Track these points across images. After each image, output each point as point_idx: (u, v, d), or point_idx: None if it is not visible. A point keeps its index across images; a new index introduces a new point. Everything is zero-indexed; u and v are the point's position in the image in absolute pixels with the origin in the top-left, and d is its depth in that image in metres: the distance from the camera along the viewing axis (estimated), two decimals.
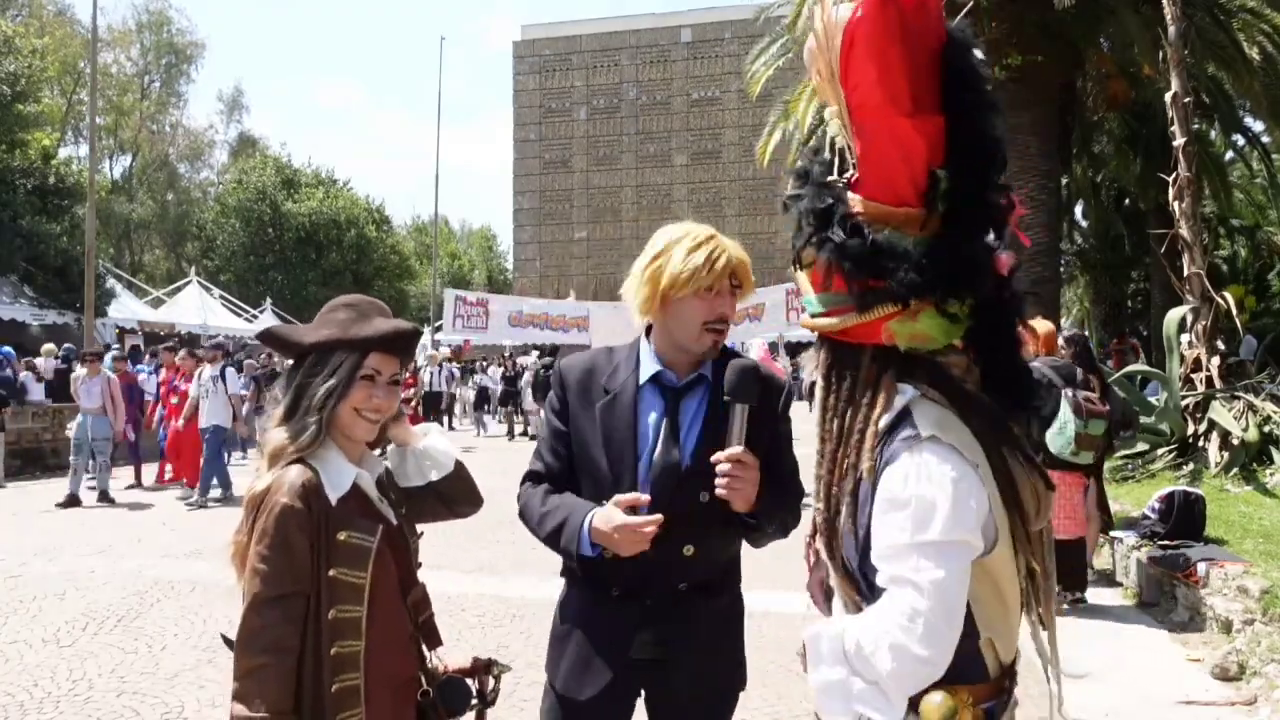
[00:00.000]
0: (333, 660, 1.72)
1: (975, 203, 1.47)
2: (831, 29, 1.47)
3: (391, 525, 1.88)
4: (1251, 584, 5.20)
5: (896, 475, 1.43)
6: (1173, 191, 9.94)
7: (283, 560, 1.70)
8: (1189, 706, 4.37)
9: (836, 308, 1.52)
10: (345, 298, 1.93)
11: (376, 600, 1.77)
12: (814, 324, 1.57)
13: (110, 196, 38.76)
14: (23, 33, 26.23)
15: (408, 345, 1.88)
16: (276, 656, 1.69)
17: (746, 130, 44.32)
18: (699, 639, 2.06)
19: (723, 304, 2.03)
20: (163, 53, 45.62)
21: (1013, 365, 1.55)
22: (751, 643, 2.23)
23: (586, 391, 2.12)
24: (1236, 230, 23.33)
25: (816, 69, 1.53)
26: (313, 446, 1.78)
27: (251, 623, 1.71)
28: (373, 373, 1.82)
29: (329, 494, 1.77)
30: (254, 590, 1.71)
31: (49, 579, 6.99)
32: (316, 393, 1.79)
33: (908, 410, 1.48)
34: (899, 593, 1.39)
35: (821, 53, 1.51)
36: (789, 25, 16.87)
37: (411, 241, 53.32)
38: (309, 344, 1.83)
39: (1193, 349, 9.73)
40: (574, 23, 52.06)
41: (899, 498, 1.41)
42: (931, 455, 1.41)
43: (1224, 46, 13.38)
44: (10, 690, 4.68)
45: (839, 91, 1.49)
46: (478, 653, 2.08)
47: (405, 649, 1.88)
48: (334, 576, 1.73)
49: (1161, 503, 6.55)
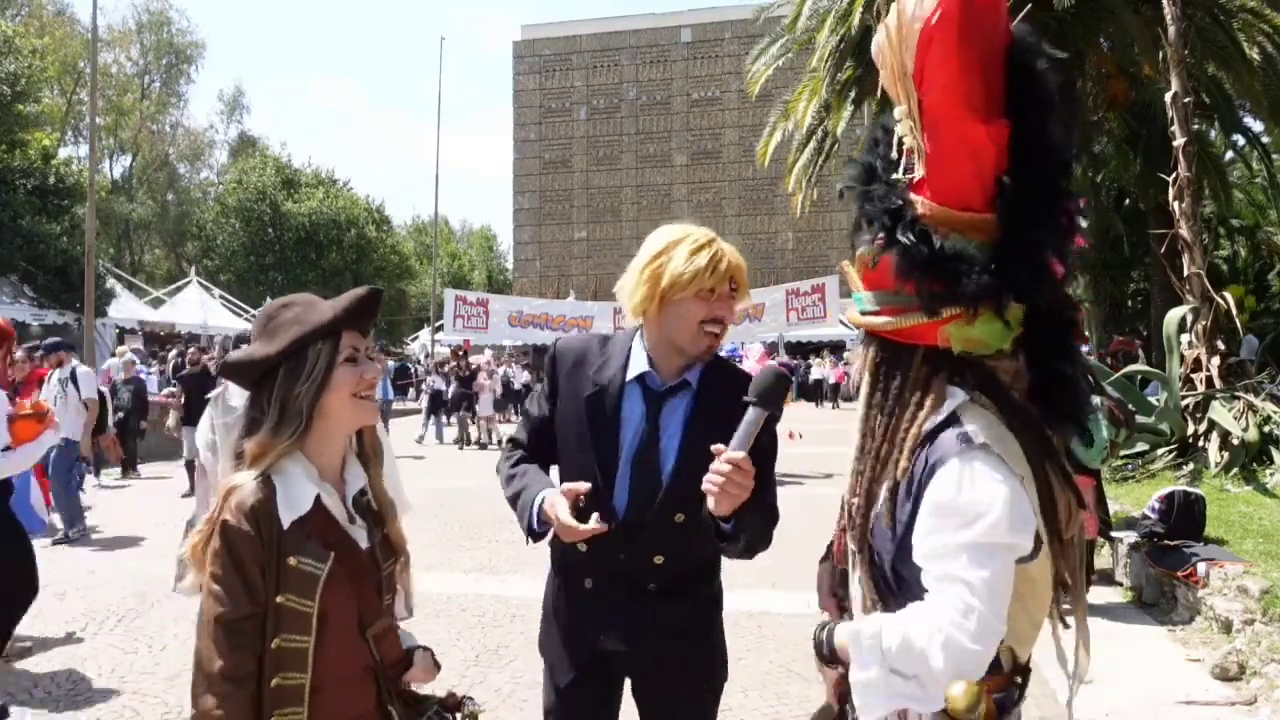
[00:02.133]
0: (273, 693, 1.63)
1: (1044, 210, 1.47)
2: (907, 27, 1.47)
3: (359, 550, 1.77)
4: (1251, 584, 5.20)
5: (948, 479, 1.43)
6: (1173, 191, 9.94)
7: (234, 580, 1.63)
8: (1189, 706, 4.37)
9: (891, 306, 1.53)
10: (279, 300, 1.83)
11: (327, 631, 1.67)
12: (864, 322, 1.57)
13: (110, 196, 38.76)
14: (23, 33, 26.20)
15: (371, 311, 1.80)
16: (233, 685, 1.61)
17: (746, 130, 44.33)
18: (669, 632, 2.07)
19: (722, 306, 2.03)
20: (163, 53, 45.61)
21: (1063, 374, 1.55)
22: (751, 643, 2.24)
23: (575, 379, 2.12)
24: (1236, 230, 23.33)
25: (886, 66, 1.52)
26: (293, 443, 1.70)
27: (205, 648, 1.64)
28: (351, 352, 1.76)
29: (282, 515, 1.67)
30: (210, 612, 1.64)
31: (49, 579, 6.99)
32: (301, 391, 1.71)
33: (956, 415, 1.49)
34: (950, 589, 1.39)
35: (893, 50, 1.50)
36: (789, 25, 16.88)
37: (411, 241, 53.31)
38: (278, 353, 1.72)
39: (1193, 349, 9.73)
40: (574, 23, 52.03)
41: (951, 502, 1.42)
42: (983, 464, 1.42)
43: (1224, 46, 13.38)
44: (10, 690, 4.69)
45: (911, 91, 1.49)
46: (456, 687, 2.04)
47: (359, 684, 1.75)
48: (281, 603, 1.64)
49: (1161, 503, 6.54)
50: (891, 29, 1.50)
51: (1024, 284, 1.45)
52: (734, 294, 2.06)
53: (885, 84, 1.56)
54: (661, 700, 2.13)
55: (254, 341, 1.78)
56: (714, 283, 2.00)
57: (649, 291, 2.04)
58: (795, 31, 16.72)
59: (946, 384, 1.51)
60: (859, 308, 1.59)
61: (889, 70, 1.52)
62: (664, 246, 2.05)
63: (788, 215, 35.43)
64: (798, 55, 17.77)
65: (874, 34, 1.59)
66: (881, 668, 1.45)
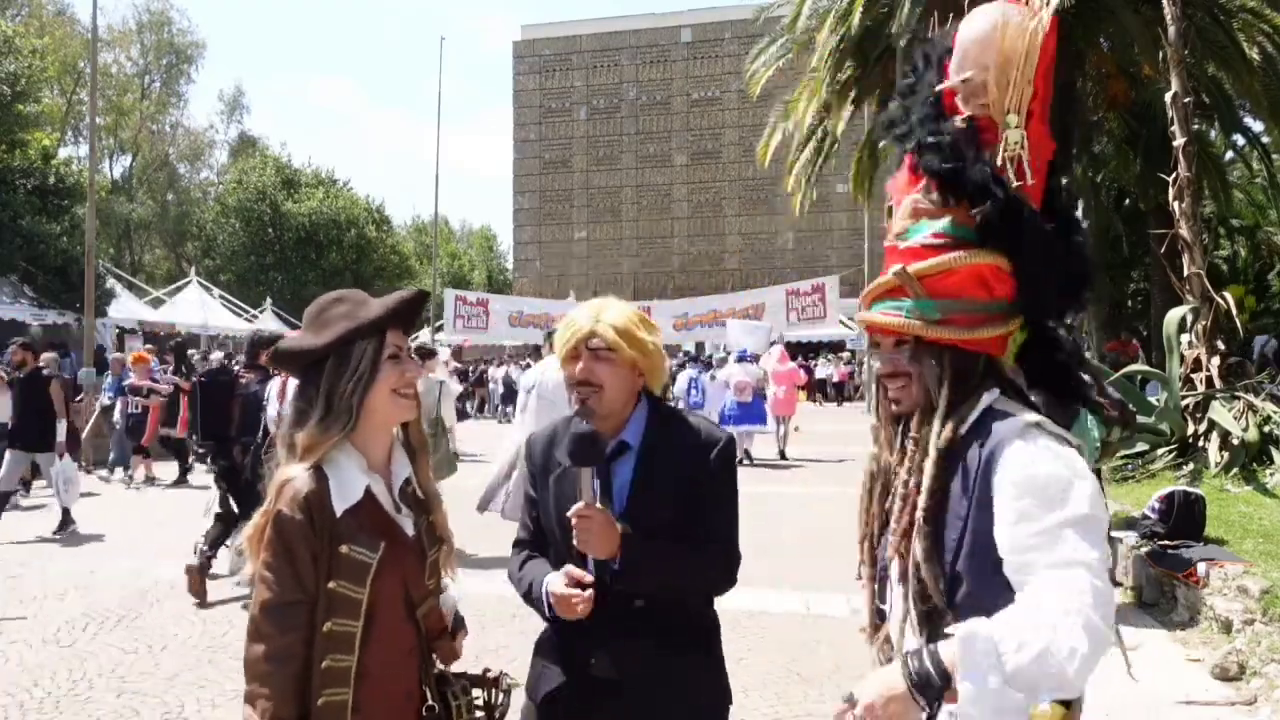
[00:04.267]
0: (322, 674, 1.69)
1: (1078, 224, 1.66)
2: (1034, 39, 1.51)
3: (406, 537, 1.85)
4: (1251, 584, 5.20)
5: (1020, 460, 1.44)
6: (1173, 191, 9.93)
7: (285, 568, 1.70)
8: (1189, 706, 4.37)
9: (967, 315, 1.55)
10: (331, 295, 1.90)
11: (376, 616, 1.74)
12: (935, 334, 1.56)
13: (110, 196, 38.73)
14: (23, 33, 26.19)
15: (417, 311, 1.90)
16: (276, 665, 1.68)
17: (746, 130, 44.31)
18: (660, 657, 2.05)
19: (579, 371, 2.10)
20: (163, 53, 45.58)
21: (1054, 361, 1.66)
22: (751, 643, 2.23)
23: (546, 463, 2.21)
24: (1236, 230, 23.34)
25: (996, 76, 1.54)
26: (343, 436, 1.76)
27: (254, 630, 1.71)
28: (395, 350, 1.81)
29: (335, 505, 1.74)
30: (259, 597, 1.72)
31: (49, 579, 7.00)
32: (348, 388, 1.76)
33: (992, 407, 1.54)
34: (1069, 574, 1.36)
35: (1015, 57, 1.53)
36: (789, 25, 16.88)
37: (411, 241, 53.34)
38: (324, 345, 1.78)
39: (1193, 349, 9.73)
40: (574, 23, 52.02)
41: (1033, 480, 1.41)
42: (1047, 440, 1.45)
43: (1224, 46, 13.38)
44: (10, 690, 4.69)
45: (1026, 98, 1.52)
46: (486, 661, 2.07)
47: (404, 664, 1.84)
48: (332, 589, 1.71)
49: (1161, 503, 6.54)
50: (1015, 39, 1.53)
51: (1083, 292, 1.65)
52: (597, 353, 2.10)
53: (990, 94, 1.57)
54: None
55: (304, 332, 1.84)
56: (569, 350, 2.12)
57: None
58: (795, 31, 16.72)
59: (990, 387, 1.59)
60: (926, 318, 1.56)
61: (997, 80, 1.55)
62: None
63: (788, 215, 35.42)
64: (798, 55, 17.76)
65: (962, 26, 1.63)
66: (999, 678, 1.33)
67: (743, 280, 43.05)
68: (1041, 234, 1.54)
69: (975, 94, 1.58)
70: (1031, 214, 1.55)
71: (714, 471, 2.10)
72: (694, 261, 48.72)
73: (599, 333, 2.09)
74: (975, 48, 1.57)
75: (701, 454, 2.10)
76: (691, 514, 2.07)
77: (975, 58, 1.57)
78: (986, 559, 1.46)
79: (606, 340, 2.08)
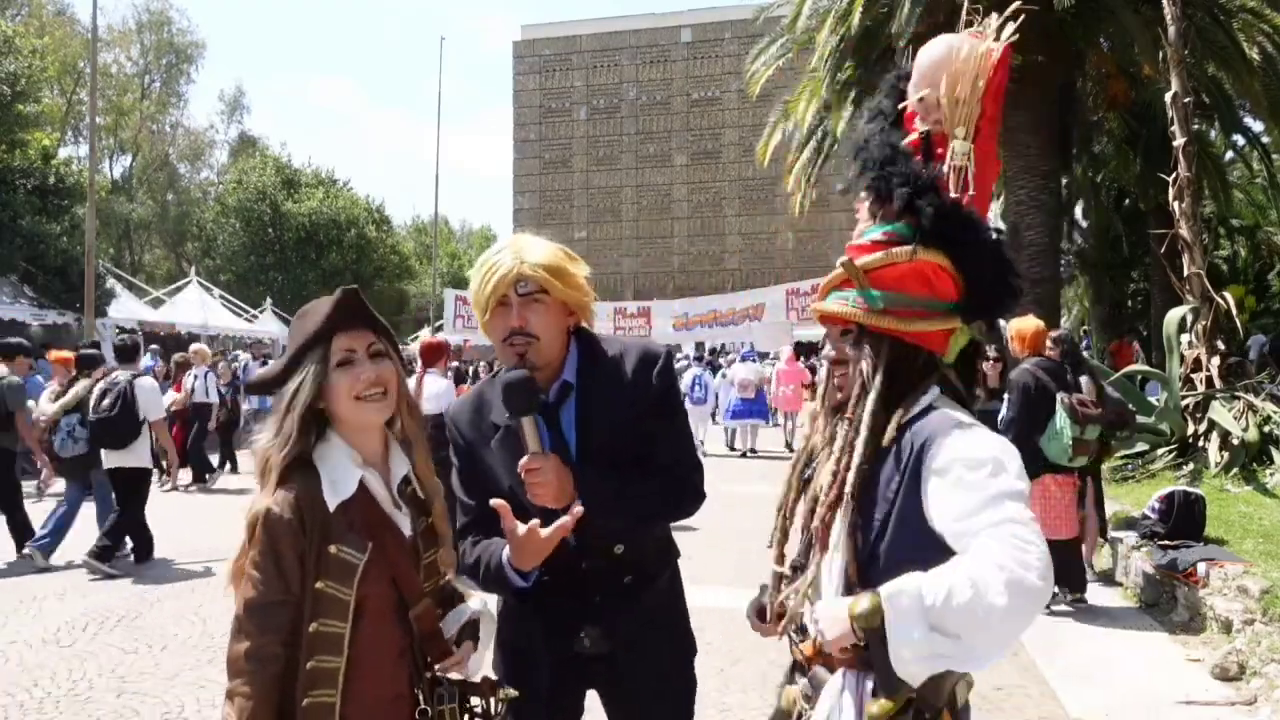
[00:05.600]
0: (309, 674, 1.68)
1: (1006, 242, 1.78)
2: (984, 62, 1.66)
3: (402, 537, 1.81)
4: (1251, 584, 5.20)
5: (957, 443, 1.53)
6: (1173, 191, 9.93)
7: (270, 567, 1.69)
8: (1189, 706, 4.37)
9: (909, 310, 1.65)
10: (299, 311, 1.86)
11: (364, 618, 1.72)
12: (876, 323, 1.66)
13: (110, 196, 38.71)
14: (23, 33, 26.13)
15: (359, 309, 1.78)
16: (256, 664, 1.67)
17: (746, 130, 44.29)
18: (647, 624, 2.06)
19: (510, 316, 1.93)
20: (163, 53, 45.56)
21: (978, 368, 1.82)
22: (751, 643, 2.24)
23: (479, 430, 2.06)
24: (1236, 230, 23.31)
25: (952, 91, 1.67)
26: (297, 443, 1.72)
27: (236, 628, 1.71)
28: (345, 355, 1.76)
29: (328, 499, 1.72)
30: (244, 595, 1.71)
31: (49, 579, 6.99)
32: (294, 404, 1.74)
33: (932, 405, 1.64)
34: (1002, 531, 1.41)
35: (964, 78, 1.66)
36: (789, 25, 16.85)
37: (411, 241, 53.29)
38: (285, 366, 1.78)
39: (1193, 349, 9.73)
40: (574, 23, 52.00)
41: (972, 455, 1.51)
42: (983, 432, 1.57)
43: (1224, 46, 13.36)
44: (10, 690, 4.69)
45: (974, 116, 1.66)
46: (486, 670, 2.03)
47: (395, 666, 1.81)
48: (320, 589, 1.69)
49: (1161, 503, 6.54)
50: (973, 57, 1.66)
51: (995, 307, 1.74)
52: (529, 297, 1.93)
53: (944, 108, 1.69)
54: (638, 695, 2.10)
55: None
56: (495, 298, 1.93)
57: (480, 319, 2.02)
58: (795, 31, 16.68)
59: (930, 385, 1.68)
60: (871, 306, 1.67)
61: (952, 96, 1.67)
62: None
63: (788, 215, 35.37)
64: (798, 55, 17.74)
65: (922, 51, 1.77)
66: (924, 628, 1.40)
67: (743, 280, 43.02)
68: (979, 241, 1.67)
69: (930, 110, 1.71)
70: (971, 220, 1.66)
71: (660, 391, 2.03)
72: (694, 261, 48.71)
73: (527, 275, 1.91)
74: (931, 68, 1.71)
75: (643, 375, 2.01)
76: (646, 438, 1.99)
77: (930, 76, 1.71)
78: (910, 540, 1.55)
79: (538, 281, 1.92)
